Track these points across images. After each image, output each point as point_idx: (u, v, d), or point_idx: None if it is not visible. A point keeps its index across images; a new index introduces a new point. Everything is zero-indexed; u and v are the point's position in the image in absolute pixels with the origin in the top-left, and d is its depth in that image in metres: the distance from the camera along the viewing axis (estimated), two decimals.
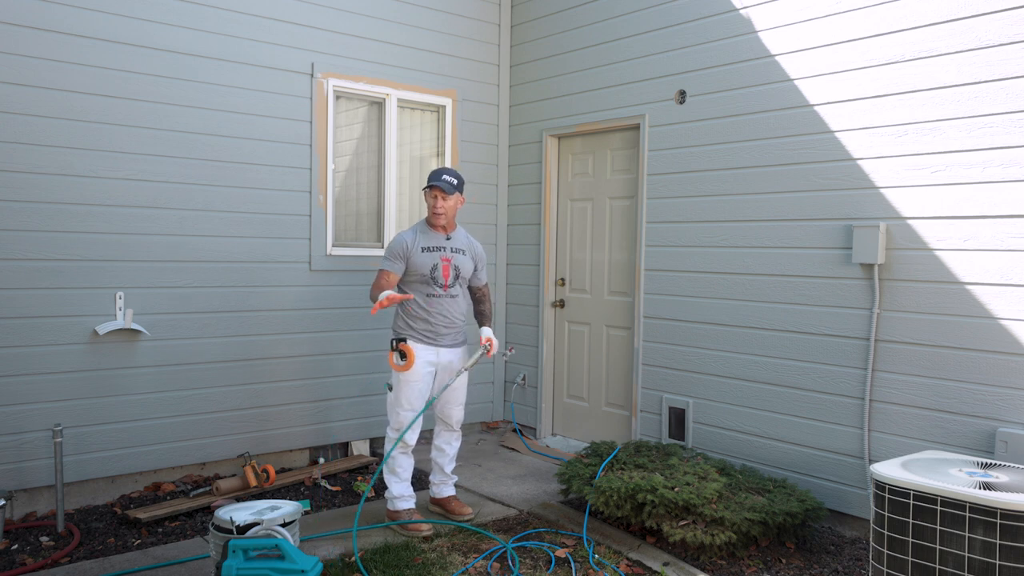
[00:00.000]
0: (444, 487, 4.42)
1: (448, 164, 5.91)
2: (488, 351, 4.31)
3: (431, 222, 4.22)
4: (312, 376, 5.24)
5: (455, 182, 4.17)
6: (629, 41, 5.26)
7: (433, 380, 4.22)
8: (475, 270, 4.36)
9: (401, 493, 4.21)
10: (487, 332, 4.37)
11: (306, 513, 4.36)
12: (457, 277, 4.23)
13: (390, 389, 4.19)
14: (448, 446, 4.40)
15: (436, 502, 4.44)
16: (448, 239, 4.23)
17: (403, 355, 4.05)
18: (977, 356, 3.71)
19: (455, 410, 4.33)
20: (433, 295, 4.16)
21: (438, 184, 4.12)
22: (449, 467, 4.41)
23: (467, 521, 4.28)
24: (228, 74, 4.83)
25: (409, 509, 4.20)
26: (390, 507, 4.21)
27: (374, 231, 5.61)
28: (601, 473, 4.21)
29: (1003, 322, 3.63)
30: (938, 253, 3.83)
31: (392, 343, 4.12)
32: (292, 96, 5.10)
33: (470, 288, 4.43)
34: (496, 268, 6.24)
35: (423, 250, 4.14)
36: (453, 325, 4.24)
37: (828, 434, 4.25)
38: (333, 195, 5.34)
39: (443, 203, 4.15)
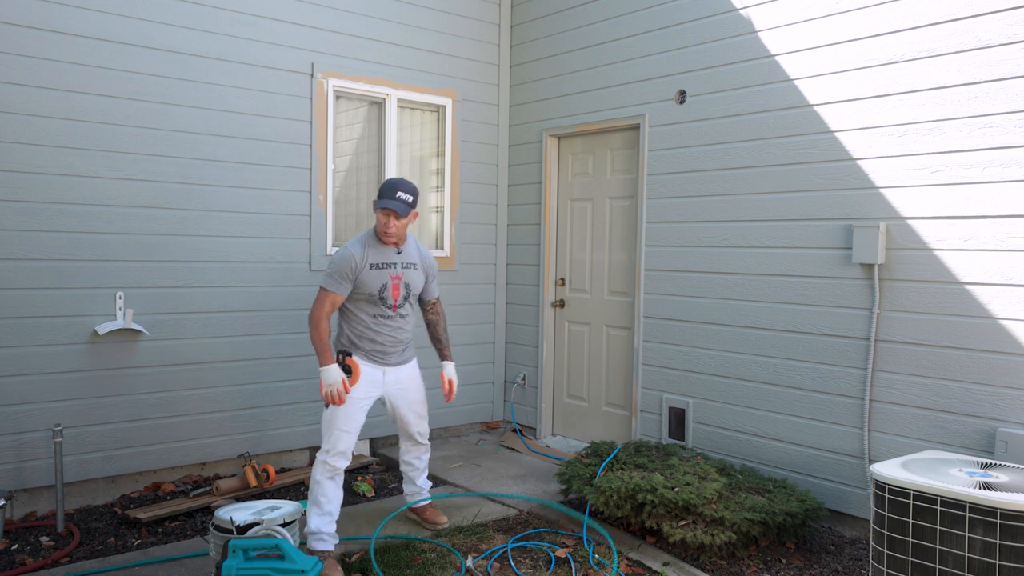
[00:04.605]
0: (418, 497, 4.22)
1: (448, 164, 5.91)
2: (448, 394, 4.06)
3: (381, 238, 3.82)
4: (312, 376, 5.23)
5: (411, 200, 3.76)
6: (629, 41, 5.26)
7: (372, 403, 3.88)
8: (426, 282, 4.03)
9: (319, 529, 3.64)
10: (449, 370, 4.11)
11: (306, 513, 4.36)
12: (407, 296, 3.89)
13: (327, 405, 3.75)
14: (419, 460, 4.18)
15: (412, 511, 4.25)
16: (399, 253, 3.85)
17: (348, 369, 3.74)
18: (977, 356, 3.71)
19: (420, 424, 4.08)
20: (381, 316, 3.82)
21: (392, 207, 3.70)
22: (420, 479, 4.21)
23: (441, 529, 4.10)
24: (228, 74, 4.83)
25: (325, 552, 3.61)
26: (307, 544, 3.67)
27: None
28: (601, 473, 4.21)
29: (1003, 322, 3.63)
30: (938, 253, 3.83)
31: (338, 357, 3.78)
32: (292, 96, 5.10)
33: (421, 302, 4.11)
34: (496, 268, 6.24)
35: (372, 267, 3.77)
36: (400, 343, 3.92)
37: (828, 434, 4.25)
38: (333, 195, 5.34)
39: (396, 223, 3.75)
